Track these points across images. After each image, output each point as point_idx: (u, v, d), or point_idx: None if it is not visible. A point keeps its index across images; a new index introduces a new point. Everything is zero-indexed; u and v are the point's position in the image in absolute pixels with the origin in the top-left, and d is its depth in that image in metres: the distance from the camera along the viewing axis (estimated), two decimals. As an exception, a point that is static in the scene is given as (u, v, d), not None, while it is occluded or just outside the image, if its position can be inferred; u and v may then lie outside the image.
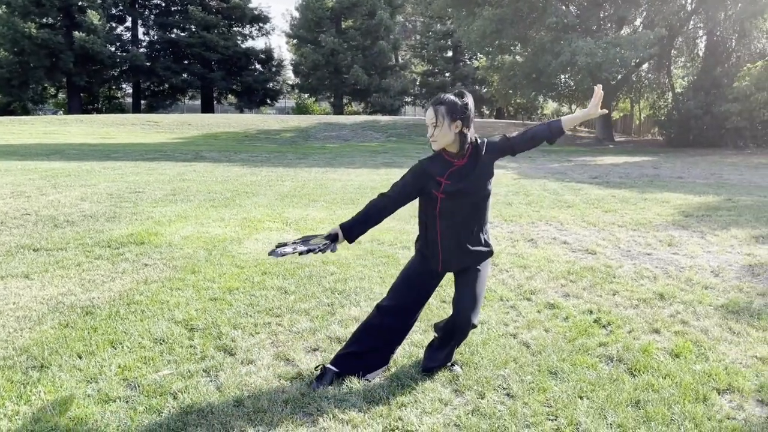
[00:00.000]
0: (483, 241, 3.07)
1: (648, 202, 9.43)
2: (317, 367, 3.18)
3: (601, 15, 27.25)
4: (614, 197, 9.94)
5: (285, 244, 2.88)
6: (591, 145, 27.47)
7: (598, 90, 3.10)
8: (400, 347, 3.38)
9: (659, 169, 15.88)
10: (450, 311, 4.01)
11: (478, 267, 3.08)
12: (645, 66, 30.00)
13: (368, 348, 3.17)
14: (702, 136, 25.00)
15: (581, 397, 2.96)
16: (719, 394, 3.03)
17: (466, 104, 2.91)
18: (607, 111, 3.24)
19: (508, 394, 3.00)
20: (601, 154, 21.68)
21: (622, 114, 40.00)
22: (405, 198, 3.02)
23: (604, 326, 3.95)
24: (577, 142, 29.21)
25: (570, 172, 14.83)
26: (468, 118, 2.91)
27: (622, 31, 27.18)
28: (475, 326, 3.07)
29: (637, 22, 29.22)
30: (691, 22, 28.92)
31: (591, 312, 4.20)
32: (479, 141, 3.00)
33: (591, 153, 22.56)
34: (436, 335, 3.28)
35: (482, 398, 2.95)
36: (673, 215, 8.21)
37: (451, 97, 2.92)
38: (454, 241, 3.00)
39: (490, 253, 3.12)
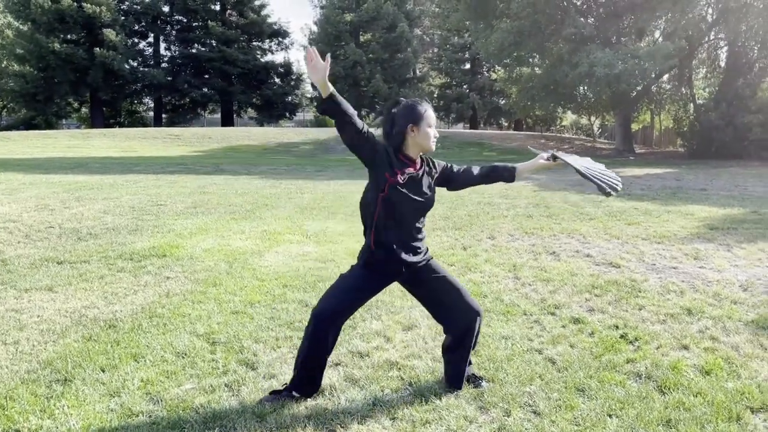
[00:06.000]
0: (421, 240, 3.02)
1: (671, 214, 9.29)
2: None
3: (620, 26, 27.07)
4: (636, 209, 9.80)
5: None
6: (611, 157, 27.21)
7: (548, 164, 3.19)
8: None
9: (681, 180, 15.65)
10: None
11: (434, 269, 3.04)
12: (665, 77, 29.73)
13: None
14: (724, 147, 24.65)
15: (610, 416, 2.89)
16: (753, 413, 2.93)
17: None
18: (552, 165, 3.24)
19: (534, 412, 2.93)
20: (621, 166, 21.44)
21: (641, 125, 39.63)
22: (367, 136, 2.78)
23: (631, 342, 3.86)
24: (597, 154, 28.97)
25: (591, 184, 14.65)
26: None
27: (642, 43, 26.97)
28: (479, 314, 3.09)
29: (657, 34, 29.02)
30: (712, 33, 28.62)
31: (617, 327, 4.12)
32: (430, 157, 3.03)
33: (611, 165, 22.24)
34: (447, 353, 3.19)
35: (508, 416, 2.89)
36: (698, 228, 8.06)
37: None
38: (395, 232, 2.90)
39: (430, 257, 3.09)
